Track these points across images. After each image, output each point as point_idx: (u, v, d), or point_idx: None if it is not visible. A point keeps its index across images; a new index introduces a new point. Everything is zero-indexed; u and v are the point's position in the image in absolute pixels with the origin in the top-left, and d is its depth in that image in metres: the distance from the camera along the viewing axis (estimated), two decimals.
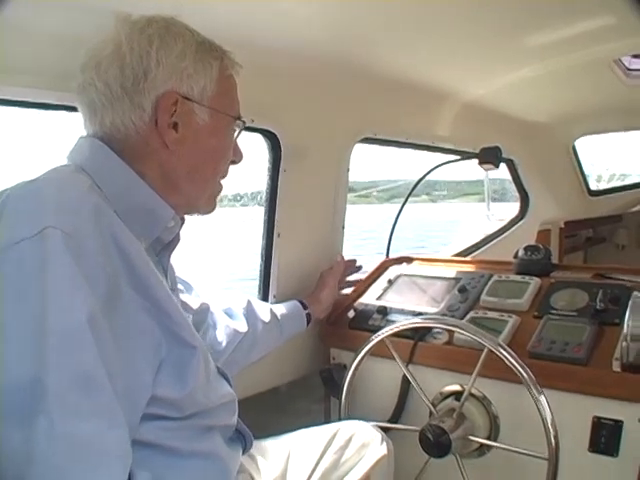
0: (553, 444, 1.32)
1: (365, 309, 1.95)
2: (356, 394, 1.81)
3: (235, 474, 1.18)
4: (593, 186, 3.86)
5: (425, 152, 2.61)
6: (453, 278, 1.97)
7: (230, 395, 1.18)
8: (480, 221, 3.78)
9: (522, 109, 2.77)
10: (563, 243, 3.86)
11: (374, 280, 2.14)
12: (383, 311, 1.88)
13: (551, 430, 1.31)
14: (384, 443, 1.51)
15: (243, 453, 1.24)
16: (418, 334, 1.70)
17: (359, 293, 2.09)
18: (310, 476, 1.38)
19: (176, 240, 1.12)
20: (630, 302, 1.40)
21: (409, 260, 2.27)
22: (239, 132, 1.15)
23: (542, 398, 1.33)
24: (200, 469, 1.03)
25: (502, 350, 1.38)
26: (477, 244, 2.99)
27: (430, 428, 1.45)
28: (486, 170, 2.25)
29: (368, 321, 1.88)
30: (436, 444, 1.44)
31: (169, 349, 0.93)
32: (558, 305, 1.67)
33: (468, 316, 1.72)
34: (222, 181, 1.16)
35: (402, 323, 1.57)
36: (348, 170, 2.11)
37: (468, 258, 2.70)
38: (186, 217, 1.15)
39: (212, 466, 1.07)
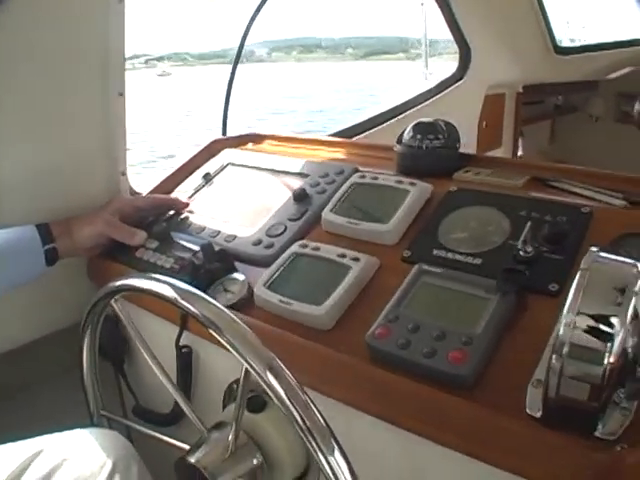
0: None
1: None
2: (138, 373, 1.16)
3: None
4: (562, 42, 2.98)
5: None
6: (300, 174, 1.16)
7: None
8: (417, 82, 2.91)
9: None
10: (520, 113, 3.05)
11: (193, 171, 1.33)
12: (163, 234, 1.09)
13: None
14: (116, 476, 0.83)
15: None
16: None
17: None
18: None
19: None
20: (579, 273, 0.61)
21: (257, 140, 1.44)
22: None
23: (334, 458, 0.58)
24: None
25: (263, 372, 0.61)
26: (385, 114, 2.10)
27: (181, 466, 0.76)
28: None
29: (137, 249, 1.09)
30: None
31: None
32: (450, 240, 0.89)
33: (290, 251, 0.94)
34: None
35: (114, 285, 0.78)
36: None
37: (351, 140, 1.83)
38: None
39: None
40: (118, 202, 1.15)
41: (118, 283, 0.79)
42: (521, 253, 0.81)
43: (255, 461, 0.82)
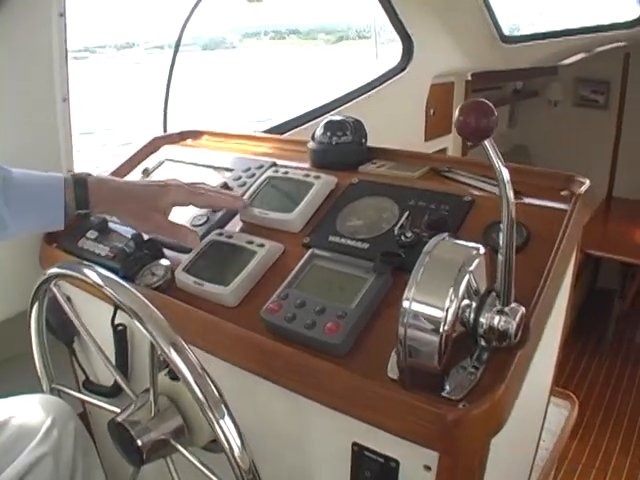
0: None
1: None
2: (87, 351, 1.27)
3: None
4: (508, 32, 3.06)
5: None
6: (226, 168, 1.27)
7: None
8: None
9: None
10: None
11: (134, 167, 1.43)
12: (101, 225, 1.20)
13: (240, 464, 0.70)
14: (53, 434, 0.98)
15: None
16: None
17: None
18: None
19: None
20: (421, 255, 0.73)
21: (196, 136, 1.54)
22: None
23: (225, 423, 0.70)
24: None
25: (167, 348, 0.73)
26: (327, 106, 2.20)
27: (113, 427, 0.87)
28: None
29: (79, 240, 1.19)
30: (124, 449, 0.87)
31: None
32: (346, 227, 1.00)
33: (207, 239, 1.06)
34: None
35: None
36: None
37: (280, 135, 1.92)
38: None
39: None
40: (173, 195, 1.03)
41: (54, 271, 0.90)
42: (402, 238, 0.93)
43: (176, 423, 0.93)
